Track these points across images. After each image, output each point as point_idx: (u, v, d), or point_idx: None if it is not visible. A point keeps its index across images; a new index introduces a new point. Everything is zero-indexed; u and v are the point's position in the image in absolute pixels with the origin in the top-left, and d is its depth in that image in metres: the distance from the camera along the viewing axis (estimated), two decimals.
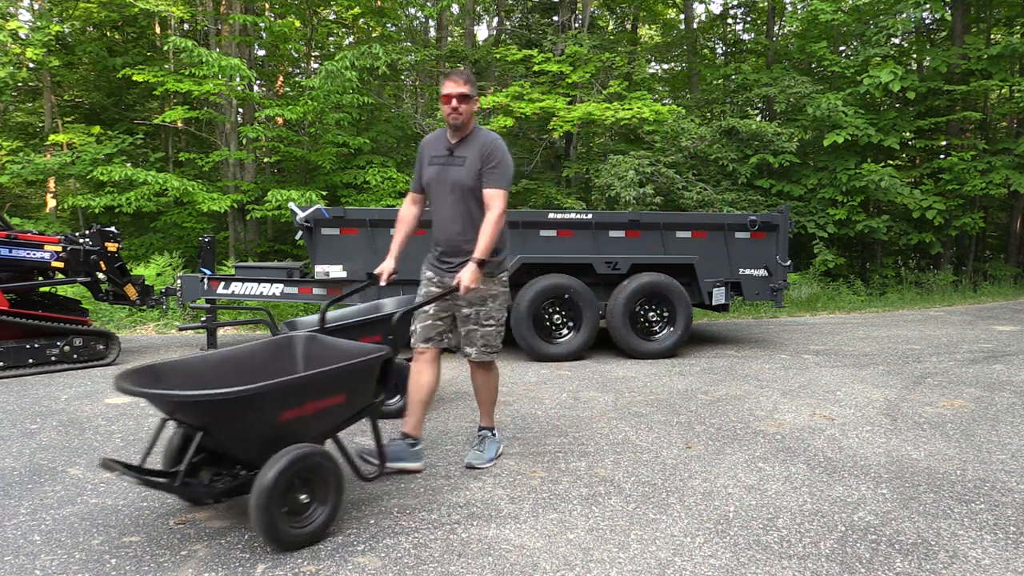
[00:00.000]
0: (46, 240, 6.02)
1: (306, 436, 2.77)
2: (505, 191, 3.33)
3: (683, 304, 6.55)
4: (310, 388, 2.70)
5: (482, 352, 3.47)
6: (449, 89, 3.31)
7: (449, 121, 3.36)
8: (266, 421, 2.61)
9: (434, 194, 3.47)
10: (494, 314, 3.47)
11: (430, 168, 3.46)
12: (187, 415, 2.60)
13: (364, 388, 2.96)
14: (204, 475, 2.76)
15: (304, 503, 2.67)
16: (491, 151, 3.33)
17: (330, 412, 2.83)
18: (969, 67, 13.26)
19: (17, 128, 15.56)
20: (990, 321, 9.35)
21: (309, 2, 13.33)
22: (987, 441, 4.06)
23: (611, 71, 13.52)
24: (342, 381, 2.81)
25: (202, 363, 2.98)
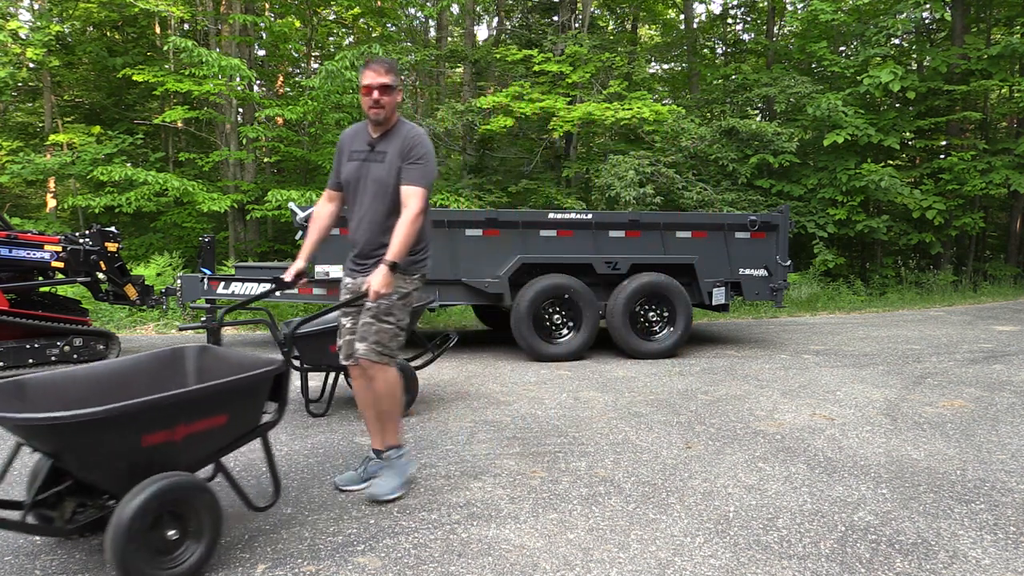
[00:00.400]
0: (46, 240, 6.02)
1: (178, 463, 2.46)
2: (424, 189, 3.05)
3: (683, 304, 6.55)
4: (180, 409, 2.39)
5: (371, 349, 3.05)
6: (369, 79, 3.03)
7: (370, 116, 3.08)
8: (125, 446, 2.30)
9: (352, 192, 3.18)
10: (395, 312, 3.10)
11: (349, 164, 3.19)
12: (35, 439, 2.30)
13: (250, 407, 2.64)
14: (68, 506, 2.46)
15: (173, 540, 2.36)
16: (413, 146, 3.06)
17: (208, 435, 2.51)
18: (969, 67, 13.26)
19: (17, 128, 15.56)
20: (990, 321, 9.35)
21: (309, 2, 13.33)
22: (987, 441, 4.06)
23: (611, 71, 13.52)
24: (222, 400, 2.50)
25: (79, 377, 2.68)
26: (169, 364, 2.93)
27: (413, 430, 4.20)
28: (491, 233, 6.41)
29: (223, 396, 2.51)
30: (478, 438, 4.04)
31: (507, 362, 6.33)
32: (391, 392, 3.13)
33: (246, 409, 2.63)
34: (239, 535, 2.77)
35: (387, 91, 3.04)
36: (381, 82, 3.02)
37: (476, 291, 6.39)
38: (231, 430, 2.60)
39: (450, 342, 4.88)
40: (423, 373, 5.80)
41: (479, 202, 11.77)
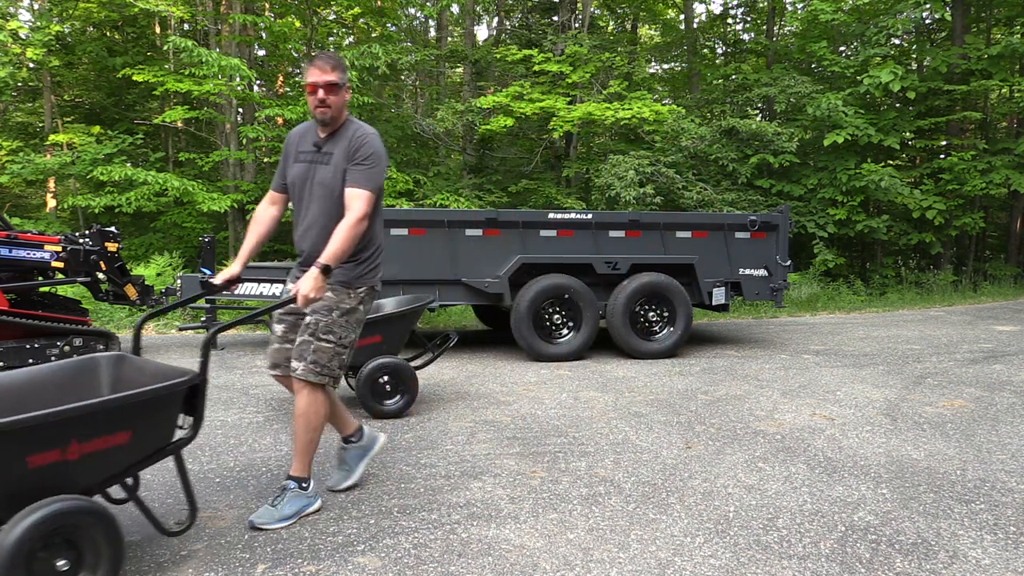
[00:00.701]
0: (46, 240, 6.02)
1: (73, 486, 2.23)
2: (370, 192, 2.85)
3: (683, 304, 6.55)
4: (72, 425, 2.16)
5: (309, 369, 2.84)
6: (314, 77, 2.84)
7: (316, 116, 2.90)
8: (6, 467, 2.09)
9: (298, 196, 3.00)
10: (336, 330, 2.89)
11: (296, 166, 3.00)
12: None
13: (160, 424, 2.41)
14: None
15: (63, 571, 2.15)
16: (360, 146, 2.87)
17: (108, 455, 2.27)
18: (969, 67, 13.26)
19: (17, 128, 15.56)
20: (990, 321, 9.35)
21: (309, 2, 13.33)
22: (987, 441, 4.06)
23: (611, 71, 13.52)
24: (124, 415, 2.27)
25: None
26: (82, 375, 2.67)
27: (413, 430, 4.20)
28: (491, 233, 6.41)
29: (125, 411, 2.26)
30: (478, 438, 4.04)
31: (507, 362, 6.33)
32: (309, 415, 2.89)
33: (153, 425, 2.39)
34: (239, 535, 2.77)
35: (333, 90, 2.84)
36: (327, 80, 2.83)
37: (476, 291, 6.39)
38: (136, 449, 2.36)
39: (450, 342, 4.88)
40: (423, 373, 5.80)
41: (479, 202, 11.77)
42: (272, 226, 3.12)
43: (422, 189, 12.15)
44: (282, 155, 3.11)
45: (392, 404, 4.44)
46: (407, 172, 12.11)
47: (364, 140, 2.89)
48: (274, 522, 2.83)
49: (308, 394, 2.89)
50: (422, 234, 6.32)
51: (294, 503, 2.90)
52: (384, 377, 4.41)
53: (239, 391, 5.19)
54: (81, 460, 2.22)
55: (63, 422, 2.14)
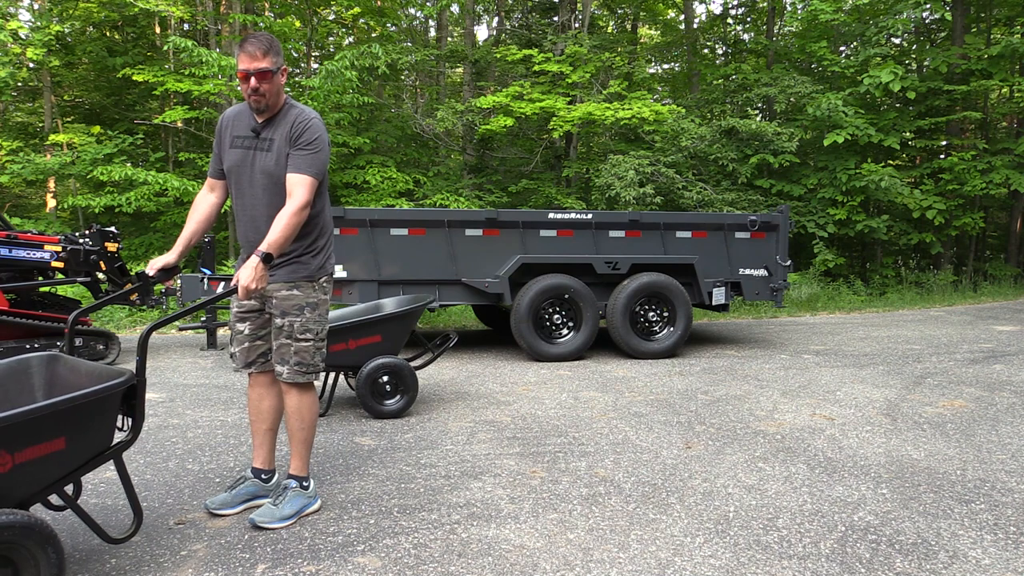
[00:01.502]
0: (46, 240, 6.02)
1: (8, 498, 2.11)
2: (313, 178, 2.73)
3: (683, 304, 6.55)
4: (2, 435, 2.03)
5: (296, 371, 2.86)
6: (244, 65, 2.67)
7: (251, 105, 2.76)
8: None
9: (237, 184, 2.85)
10: (311, 326, 2.87)
11: (232, 152, 2.84)
12: None
13: (98, 428, 2.28)
14: None
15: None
16: (303, 131, 2.74)
17: (43, 463, 2.14)
18: (969, 67, 13.26)
19: (17, 128, 15.56)
20: (990, 321, 9.35)
21: (309, 2, 13.33)
22: (987, 441, 4.06)
23: (611, 71, 13.52)
24: (57, 421, 2.13)
25: None
26: (14, 377, 2.51)
27: (413, 430, 4.20)
28: (491, 233, 6.41)
29: (58, 416, 2.12)
30: (478, 438, 4.04)
31: (507, 362, 6.33)
32: (303, 413, 2.92)
33: (90, 430, 2.25)
34: (239, 535, 2.77)
35: (267, 77, 2.68)
36: (258, 67, 2.66)
37: (476, 291, 6.39)
38: (73, 455, 2.22)
39: (450, 342, 4.88)
40: (423, 373, 5.81)
41: (479, 202, 11.77)
42: (212, 213, 2.96)
43: (422, 189, 12.16)
44: (215, 139, 2.95)
45: (392, 404, 4.44)
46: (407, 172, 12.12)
47: (307, 124, 2.76)
48: (275, 521, 2.82)
49: (297, 393, 2.90)
50: (422, 234, 6.32)
51: (294, 502, 2.89)
52: (384, 377, 4.41)
53: (239, 391, 5.19)
54: (13, 471, 2.07)
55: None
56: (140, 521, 2.48)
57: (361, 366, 4.41)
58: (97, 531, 2.34)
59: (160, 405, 4.75)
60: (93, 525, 2.33)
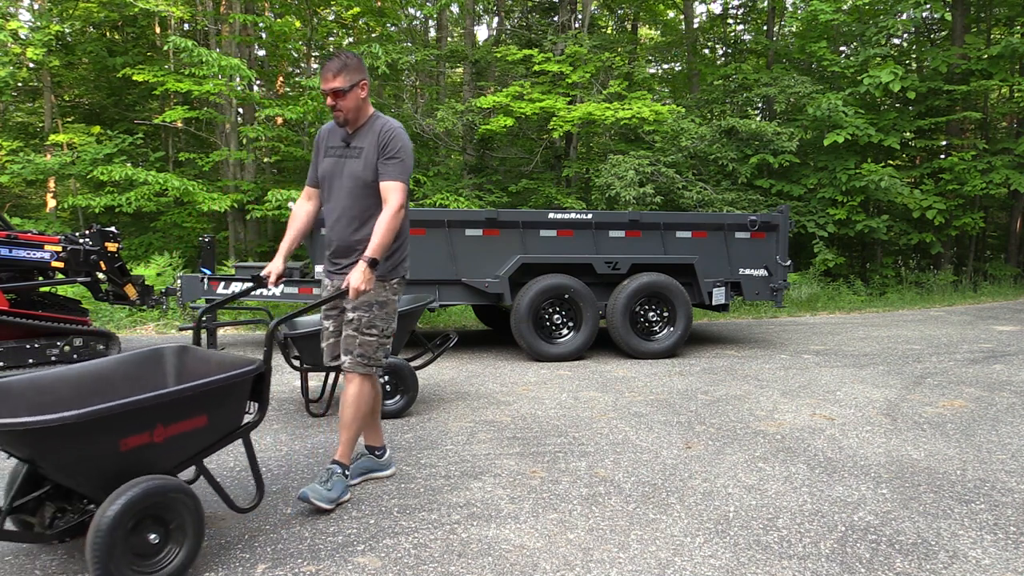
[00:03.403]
0: (46, 240, 6.02)
1: (159, 466, 2.42)
2: (403, 184, 2.99)
3: (683, 304, 6.55)
4: (158, 411, 2.34)
5: (356, 362, 3.06)
6: (322, 85, 2.99)
7: (334, 119, 3.07)
8: (103, 450, 2.25)
9: (329, 189, 3.13)
10: (378, 323, 3.06)
11: (326, 160, 3.14)
12: (9, 445, 2.26)
13: (231, 408, 2.60)
14: (48, 511, 2.43)
15: (154, 544, 2.32)
16: (388, 140, 3.00)
17: (188, 437, 2.47)
18: (969, 67, 13.25)
19: (17, 128, 15.56)
20: (990, 321, 9.35)
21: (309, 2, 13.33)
22: (987, 441, 4.06)
23: (611, 71, 13.52)
24: (201, 401, 2.46)
25: (59, 379, 2.65)
26: (149, 365, 2.88)
27: (413, 430, 4.20)
28: (491, 233, 6.41)
29: (202, 397, 2.45)
30: (478, 438, 4.04)
31: (507, 362, 6.33)
32: (359, 403, 3.09)
33: (226, 410, 2.58)
34: (239, 535, 2.77)
35: (340, 96, 2.96)
36: (332, 87, 2.95)
37: (476, 291, 6.39)
38: (212, 431, 2.55)
39: (450, 342, 4.88)
40: (423, 373, 5.81)
41: (479, 202, 11.77)
42: (309, 221, 3.25)
43: (422, 189, 12.15)
44: (313, 151, 3.24)
45: (392, 404, 4.44)
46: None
47: (393, 134, 3.01)
48: (324, 501, 2.97)
49: (358, 384, 3.10)
50: (422, 234, 6.31)
51: (338, 487, 3.06)
52: (384, 377, 4.41)
53: None
54: (166, 442, 2.41)
55: (151, 407, 2.33)
56: (262, 494, 2.75)
57: None
58: (227, 501, 2.62)
59: None
60: (224, 495, 2.61)
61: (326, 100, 2.99)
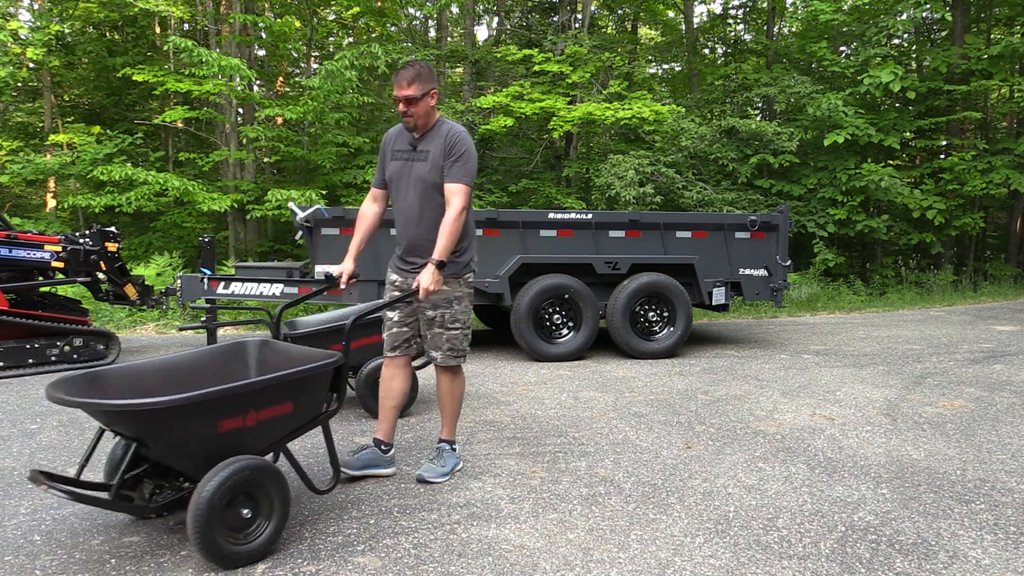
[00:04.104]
0: (46, 240, 6.02)
1: (250, 447, 2.63)
2: (467, 186, 3.16)
3: (683, 304, 6.55)
4: (252, 397, 2.56)
5: (448, 356, 3.32)
6: (395, 92, 3.16)
7: (404, 124, 3.24)
8: (204, 432, 2.47)
9: (396, 191, 3.31)
10: (460, 317, 3.31)
11: (393, 163, 3.32)
12: (121, 425, 2.47)
13: (314, 397, 2.80)
14: (146, 488, 2.65)
15: (246, 518, 2.54)
16: (454, 144, 3.17)
17: (276, 422, 2.68)
18: (969, 67, 13.26)
19: (17, 128, 15.56)
20: (990, 321, 9.35)
21: (309, 2, 13.33)
22: (987, 441, 4.07)
23: (611, 71, 13.52)
24: (288, 389, 2.67)
25: (149, 369, 2.86)
26: (232, 356, 3.11)
27: (413, 430, 4.20)
28: (491, 233, 6.41)
29: (290, 386, 2.66)
30: (478, 438, 4.04)
31: (507, 362, 6.33)
32: (455, 391, 3.41)
33: (310, 398, 2.79)
34: None
35: (412, 103, 3.13)
36: (404, 95, 3.12)
37: (476, 291, 6.38)
38: (296, 417, 2.76)
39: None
40: (423, 373, 5.80)
41: (479, 202, 11.77)
42: (376, 221, 3.43)
43: None
44: (380, 155, 3.42)
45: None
46: None
47: (457, 139, 3.19)
48: (438, 476, 3.32)
49: (450, 375, 3.39)
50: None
51: (450, 461, 3.40)
52: None
53: None
54: (257, 426, 2.62)
55: (247, 393, 2.53)
56: (338, 477, 2.97)
57: (361, 366, 4.41)
58: (307, 483, 2.82)
59: None
60: (305, 477, 2.81)
61: (398, 106, 3.14)
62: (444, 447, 3.45)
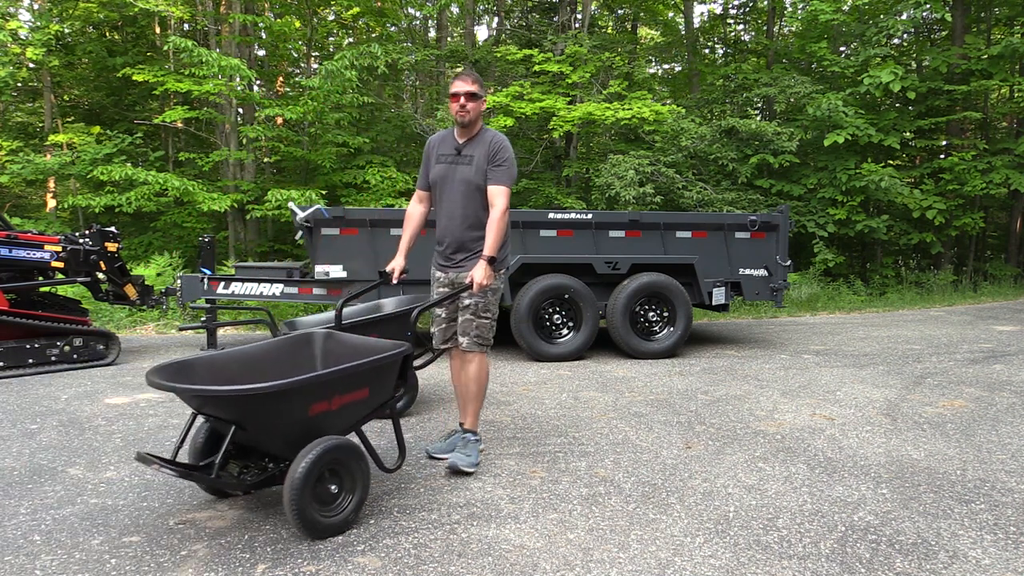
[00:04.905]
0: (46, 240, 6.02)
1: (333, 429, 2.86)
2: (509, 189, 3.43)
3: (683, 304, 6.54)
4: (338, 383, 2.79)
5: (474, 342, 3.52)
6: (458, 88, 3.42)
7: (457, 119, 3.45)
8: (297, 414, 2.70)
9: (441, 192, 3.54)
10: (491, 308, 3.53)
11: (437, 166, 3.55)
12: (221, 409, 2.67)
13: (386, 383, 3.06)
14: (232, 468, 2.87)
15: (334, 493, 2.78)
16: (497, 150, 3.44)
17: (355, 406, 2.92)
18: (969, 67, 13.25)
19: (17, 128, 15.55)
20: (990, 321, 9.35)
21: (309, 2, 13.34)
22: (987, 441, 4.06)
23: (611, 71, 13.52)
24: (366, 376, 2.90)
25: (228, 359, 3.07)
26: (300, 347, 3.33)
27: (413, 430, 4.20)
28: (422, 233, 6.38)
29: (367, 373, 2.89)
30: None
31: (507, 362, 6.33)
32: (481, 378, 3.58)
33: (382, 385, 3.03)
34: (239, 535, 2.77)
35: (472, 98, 3.42)
36: (467, 90, 3.41)
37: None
38: (371, 402, 3.00)
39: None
40: (423, 373, 5.80)
41: None
42: (422, 221, 3.71)
43: None
44: (423, 159, 3.68)
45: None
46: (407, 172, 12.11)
47: (501, 145, 3.47)
48: (469, 465, 3.47)
49: (477, 362, 3.57)
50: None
51: (474, 450, 3.56)
52: None
53: None
54: (339, 410, 2.85)
55: (333, 380, 2.75)
56: (404, 458, 3.19)
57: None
58: (377, 462, 3.05)
59: (160, 405, 4.75)
60: (376, 457, 3.04)
61: (457, 101, 3.40)
62: (468, 438, 3.61)
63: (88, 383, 5.37)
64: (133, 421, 4.36)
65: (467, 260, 3.52)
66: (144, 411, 4.60)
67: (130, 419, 4.40)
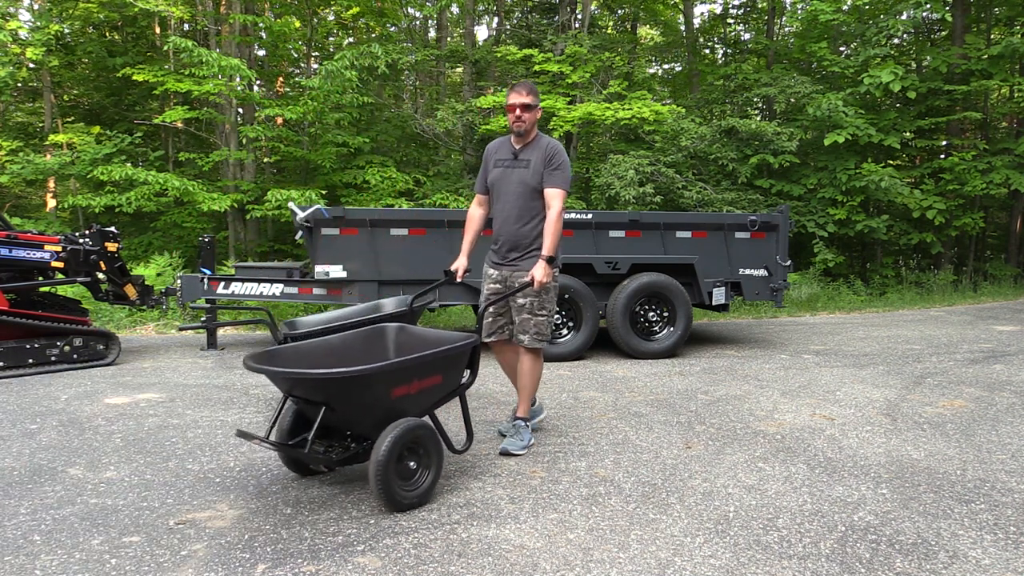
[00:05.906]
0: (46, 240, 6.02)
1: (411, 411, 3.09)
2: (564, 191, 3.63)
3: (683, 304, 6.54)
4: (416, 369, 3.03)
5: (534, 339, 3.73)
6: (514, 100, 3.65)
7: (513, 128, 3.68)
8: (381, 397, 2.93)
9: (498, 193, 3.78)
10: (547, 305, 3.75)
11: (495, 170, 3.78)
12: (313, 392, 2.90)
13: (457, 370, 3.30)
14: (317, 447, 3.09)
15: (412, 469, 3.02)
16: (553, 155, 3.65)
17: (430, 391, 3.16)
18: (969, 67, 13.25)
19: (17, 128, 15.56)
20: (990, 321, 9.35)
21: (309, 2, 13.34)
22: (987, 441, 4.06)
23: (611, 71, 13.52)
24: (440, 364, 3.14)
25: (313, 348, 3.33)
26: (374, 338, 3.58)
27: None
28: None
29: (441, 360, 3.13)
30: (478, 438, 4.04)
31: None
32: (535, 372, 3.81)
33: (454, 372, 3.27)
34: (239, 535, 2.77)
35: (527, 109, 3.65)
36: (523, 102, 3.64)
37: (476, 291, 6.39)
38: (444, 388, 3.26)
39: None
40: None
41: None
42: (482, 223, 3.95)
43: (422, 189, 12.15)
44: (482, 164, 3.92)
45: None
46: (407, 172, 12.12)
47: (556, 150, 3.68)
48: (520, 449, 3.72)
49: (533, 357, 3.80)
50: (422, 234, 6.32)
51: (525, 435, 3.78)
52: None
53: (239, 391, 5.19)
54: (418, 393, 3.09)
55: (414, 366, 3.00)
56: (471, 441, 3.49)
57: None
58: (448, 443, 3.33)
59: (160, 405, 4.75)
60: (446, 438, 3.31)
61: (514, 112, 3.64)
62: (520, 424, 3.82)
63: (88, 383, 5.37)
64: (133, 421, 4.36)
65: (520, 259, 3.73)
66: (144, 411, 4.60)
67: (130, 419, 4.40)
